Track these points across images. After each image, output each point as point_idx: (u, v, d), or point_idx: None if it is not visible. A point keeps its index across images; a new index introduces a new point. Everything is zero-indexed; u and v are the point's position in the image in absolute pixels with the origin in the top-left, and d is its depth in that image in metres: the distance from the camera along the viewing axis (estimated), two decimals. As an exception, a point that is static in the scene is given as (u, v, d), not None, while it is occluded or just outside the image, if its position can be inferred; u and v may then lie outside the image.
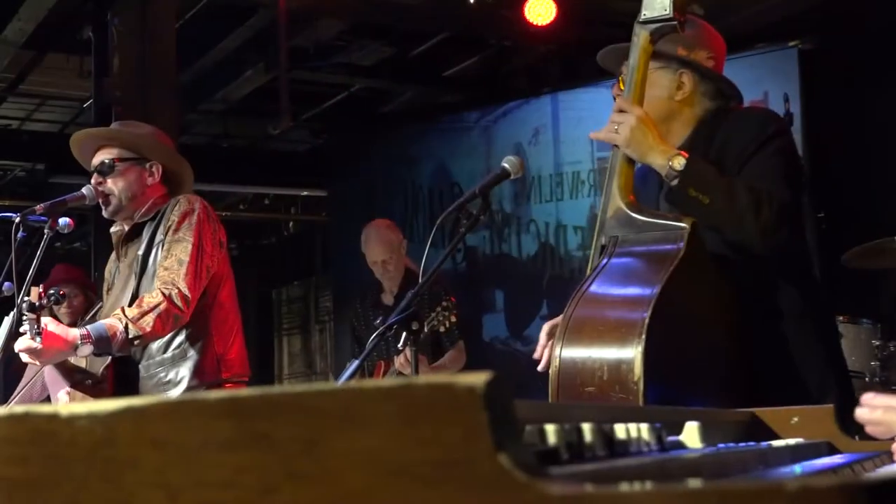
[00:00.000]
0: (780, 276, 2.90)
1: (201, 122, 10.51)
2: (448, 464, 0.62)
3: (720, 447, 1.31)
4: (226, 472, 0.68)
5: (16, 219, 3.81)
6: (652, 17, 2.75)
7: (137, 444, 0.71)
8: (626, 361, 2.37)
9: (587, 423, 1.01)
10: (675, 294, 2.49)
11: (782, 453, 1.49)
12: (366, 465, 0.64)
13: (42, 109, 10.34)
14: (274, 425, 0.67)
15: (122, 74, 6.55)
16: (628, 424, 1.14)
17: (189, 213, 3.87)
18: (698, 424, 1.29)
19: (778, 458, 1.43)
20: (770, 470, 1.28)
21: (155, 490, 0.70)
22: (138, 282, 3.88)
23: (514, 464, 0.61)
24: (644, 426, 1.17)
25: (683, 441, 1.29)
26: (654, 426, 1.19)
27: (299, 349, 13.67)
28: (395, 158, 9.19)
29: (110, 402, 0.72)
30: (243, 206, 12.83)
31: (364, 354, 3.04)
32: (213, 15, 8.17)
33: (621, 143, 2.76)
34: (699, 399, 2.58)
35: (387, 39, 9.05)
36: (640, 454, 1.12)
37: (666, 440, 1.24)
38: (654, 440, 1.18)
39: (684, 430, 1.29)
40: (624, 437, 1.12)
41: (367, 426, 0.65)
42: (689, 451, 1.22)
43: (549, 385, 2.52)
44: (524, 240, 8.40)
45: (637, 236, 2.69)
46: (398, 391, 0.64)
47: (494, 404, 0.63)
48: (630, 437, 1.13)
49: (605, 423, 1.10)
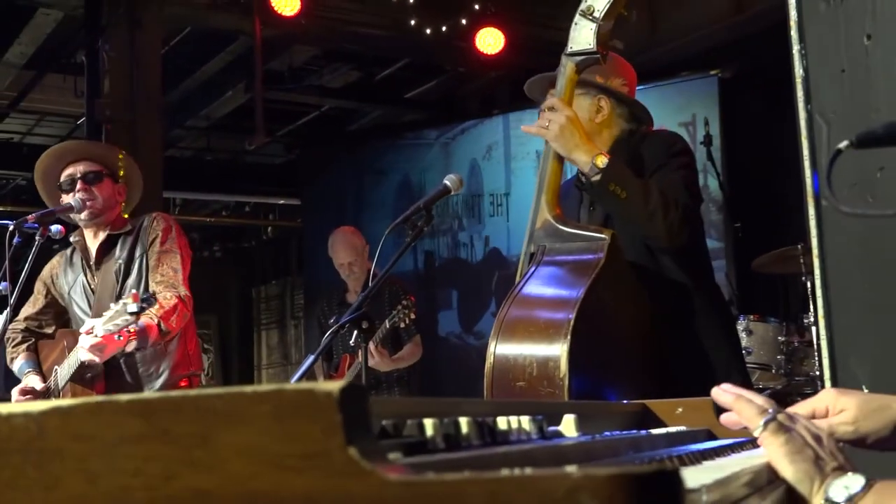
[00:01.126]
0: (686, 280, 2.92)
1: (187, 137, 10.46)
2: (310, 455, 0.66)
3: (595, 436, 1.31)
4: (135, 462, 0.70)
5: (10, 226, 3.84)
6: (578, 50, 2.78)
7: (63, 438, 0.73)
8: (553, 359, 2.40)
9: (465, 416, 1.02)
10: (596, 298, 2.51)
11: (658, 440, 1.50)
12: (247, 456, 0.67)
13: (41, 125, 10.25)
14: (174, 422, 0.70)
15: (112, 95, 6.54)
16: (510, 417, 1.15)
17: (168, 229, 3.96)
18: (574, 416, 1.30)
19: (652, 444, 1.43)
20: (636, 454, 1.28)
21: (78, 476, 0.72)
22: (122, 285, 3.91)
23: (361, 455, 0.65)
24: (525, 418, 1.18)
25: (562, 431, 1.30)
26: (535, 418, 1.20)
27: (276, 342, 13.58)
28: (363, 171, 9.16)
29: (41, 403, 0.74)
30: (225, 213, 12.77)
31: (318, 350, 3.05)
32: (197, 41, 8.16)
33: (551, 138, 2.77)
34: (618, 392, 2.58)
35: (354, 64, 9.07)
36: (520, 442, 1.12)
37: (547, 430, 1.23)
38: (535, 430, 1.18)
39: (563, 422, 1.30)
40: (505, 427, 1.12)
41: (248, 423, 0.68)
42: (564, 440, 1.23)
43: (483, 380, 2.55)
44: (476, 245, 8.46)
45: (563, 245, 2.70)
46: (271, 395, 0.67)
47: (347, 407, 0.66)
48: (511, 427, 1.13)
49: (490, 416, 1.12)
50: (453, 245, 8.56)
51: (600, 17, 2.74)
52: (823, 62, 2.41)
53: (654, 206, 2.72)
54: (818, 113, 2.42)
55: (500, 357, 2.48)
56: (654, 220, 2.73)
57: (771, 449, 1.20)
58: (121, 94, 6.53)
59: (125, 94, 6.51)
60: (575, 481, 0.60)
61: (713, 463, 1.26)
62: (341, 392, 0.67)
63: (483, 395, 2.55)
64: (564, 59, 2.82)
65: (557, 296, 2.59)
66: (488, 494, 0.62)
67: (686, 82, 7.40)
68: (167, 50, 7.65)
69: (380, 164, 9.06)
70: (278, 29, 7.13)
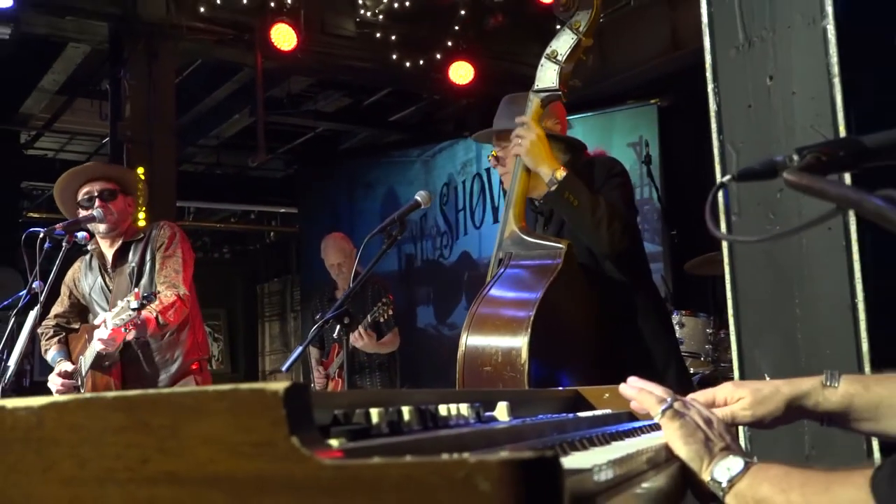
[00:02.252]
0: (628, 281, 2.93)
1: (199, 154, 10.44)
2: (260, 444, 0.68)
3: (526, 420, 1.31)
4: (118, 448, 0.72)
5: (42, 233, 3.85)
6: (543, 88, 2.82)
7: (59, 428, 0.74)
8: (516, 349, 2.44)
9: (409, 405, 1.02)
10: (553, 297, 2.55)
11: (582, 422, 1.47)
12: (209, 444, 0.69)
13: (71, 143, 10.21)
14: (150, 416, 0.71)
15: (132, 118, 6.51)
16: (450, 404, 1.15)
17: (173, 236, 3.99)
18: (507, 403, 1.29)
19: (576, 426, 1.41)
20: (560, 435, 1.26)
21: (70, 460, 0.74)
22: (135, 286, 3.93)
23: (301, 444, 0.66)
24: (464, 405, 1.17)
25: (496, 416, 1.29)
26: (473, 405, 1.19)
27: (278, 332, 13.53)
28: (353, 184, 9.15)
29: (40, 398, 0.76)
30: (233, 220, 12.74)
31: (305, 342, 3.07)
32: (206, 72, 8.15)
33: (523, 153, 2.79)
34: (570, 377, 2.60)
35: (345, 92, 9.08)
36: (458, 427, 1.11)
37: (483, 415, 1.22)
38: (472, 415, 1.17)
39: (497, 408, 1.30)
40: (446, 414, 1.12)
41: (210, 417, 0.69)
42: (497, 424, 1.22)
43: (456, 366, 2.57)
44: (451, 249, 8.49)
45: (526, 252, 2.74)
46: (229, 393, 0.69)
47: (291, 403, 0.68)
48: (451, 414, 1.13)
49: (433, 404, 1.12)
50: (431, 248, 8.60)
51: (563, 60, 2.78)
52: (733, 99, 2.46)
53: (600, 215, 2.73)
54: (729, 142, 2.47)
55: (470, 347, 2.54)
56: (600, 228, 2.74)
57: (668, 432, 1.23)
58: (139, 118, 6.51)
59: (143, 117, 6.49)
60: (472, 465, 0.62)
61: (622, 443, 1.26)
62: (286, 391, 0.68)
63: (456, 378, 2.59)
64: (532, 94, 2.85)
65: (520, 296, 2.62)
66: (403, 476, 0.64)
67: (631, 109, 7.46)
68: (181, 79, 7.64)
69: (367, 178, 9.07)
70: (277, 62, 7.12)
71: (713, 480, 1.15)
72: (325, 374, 5.65)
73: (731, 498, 1.12)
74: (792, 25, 2.30)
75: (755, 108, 2.39)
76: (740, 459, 1.15)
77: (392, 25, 7.49)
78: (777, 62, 2.32)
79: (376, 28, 7.48)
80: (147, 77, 6.53)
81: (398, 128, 9.80)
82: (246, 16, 6.98)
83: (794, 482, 1.06)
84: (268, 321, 13.81)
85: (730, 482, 1.13)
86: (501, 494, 0.62)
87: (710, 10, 2.50)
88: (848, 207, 0.82)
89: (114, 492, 0.73)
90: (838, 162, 1.10)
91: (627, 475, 1.06)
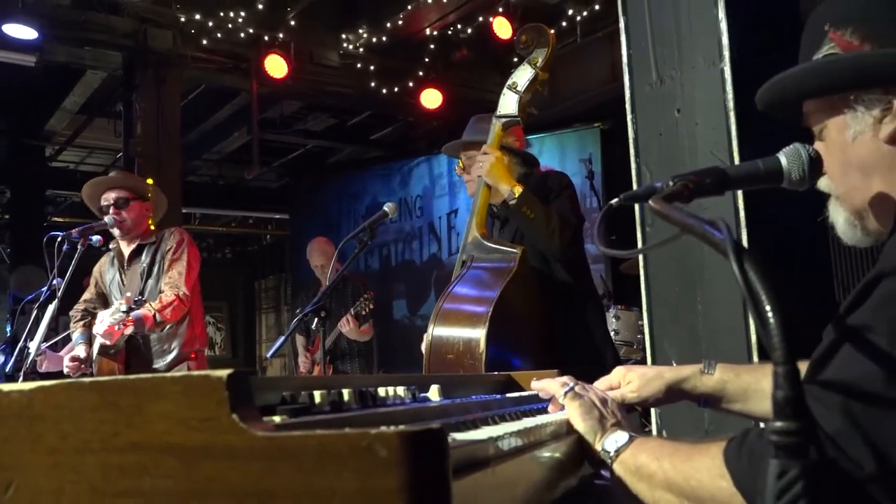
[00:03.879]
0: (572, 281, 2.95)
1: (203, 167, 10.39)
2: (207, 419, 0.71)
3: (455, 400, 1.31)
4: (93, 423, 0.76)
5: (60, 237, 3.85)
6: (504, 114, 2.84)
7: (45, 407, 0.78)
8: (475, 339, 2.46)
9: (350, 388, 1.03)
10: (509, 295, 2.56)
11: (506, 402, 1.47)
12: (166, 420, 0.73)
13: (90, 156, 10.15)
14: (119, 397, 0.75)
15: (143, 136, 6.50)
16: (389, 387, 1.17)
17: (181, 242, 3.99)
18: (438, 385, 1.30)
19: (500, 405, 1.40)
20: (484, 412, 1.24)
21: (54, 433, 0.77)
22: (144, 284, 3.95)
23: (239, 419, 0.70)
24: (401, 388, 1.18)
25: (430, 396, 1.29)
26: (409, 387, 1.20)
27: (273, 322, 13.48)
28: (339, 195, 9.11)
29: (31, 384, 0.79)
30: (234, 224, 12.66)
31: (287, 333, 3.11)
32: (209, 96, 8.13)
33: (484, 172, 2.82)
34: (524, 363, 2.60)
35: (331, 113, 9.08)
36: (394, 405, 1.13)
37: (419, 396, 1.24)
38: (409, 396, 1.18)
39: (430, 390, 1.30)
40: (384, 394, 1.14)
41: (167, 398, 0.73)
42: (428, 403, 1.23)
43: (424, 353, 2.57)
44: (421, 250, 8.52)
45: (486, 256, 2.75)
46: (182, 379, 0.73)
47: (232, 387, 0.72)
48: (388, 394, 1.15)
49: (373, 387, 1.13)
50: (405, 250, 8.63)
51: (522, 90, 2.81)
52: (647, 128, 2.52)
53: (554, 225, 2.77)
54: (644, 164, 2.53)
55: (436, 337, 2.55)
56: (554, 237, 2.78)
57: (569, 410, 1.28)
58: (149, 135, 6.50)
59: (153, 135, 6.48)
60: (373, 436, 0.66)
61: (533, 419, 1.27)
62: (228, 377, 0.72)
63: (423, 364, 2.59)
64: (494, 119, 2.88)
65: (480, 294, 2.63)
66: (318, 445, 0.68)
67: (578, 131, 7.53)
68: (186, 102, 7.62)
69: (352, 189, 9.04)
70: (271, 87, 7.13)
71: (604, 450, 1.19)
72: (311, 359, 5.67)
73: (617, 465, 1.16)
74: (696, 67, 2.36)
75: (665, 135, 2.45)
76: (626, 434, 1.19)
77: (371, 57, 7.52)
78: (683, 97, 2.39)
79: (357, 59, 7.51)
80: (156, 100, 6.53)
81: (378, 145, 9.81)
82: (243, 47, 7.01)
83: (665, 452, 1.10)
84: (264, 313, 13.77)
85: (616, 452, 1.17)
86: (395, 459, 0.66)
87: (629, 53, 2.56)
88: (687, 231, 0.88)
89: (89, 459, 0.76)
90: (705, 188, 1.17)
91: (529, 444, 1.07)
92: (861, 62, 1.08)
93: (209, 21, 6.71)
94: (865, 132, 1.09)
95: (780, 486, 0.60)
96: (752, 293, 0.64)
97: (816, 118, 1.17)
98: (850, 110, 1.10)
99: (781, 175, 1.17)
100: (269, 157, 9.71)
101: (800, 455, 0.62)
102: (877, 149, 1.09)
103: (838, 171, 1.16)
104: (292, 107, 8.68)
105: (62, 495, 0.77)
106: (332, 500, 0.67)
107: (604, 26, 6.99)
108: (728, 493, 0.96)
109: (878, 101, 1.08)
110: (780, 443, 0.62)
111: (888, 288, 0.89)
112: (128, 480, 0.74)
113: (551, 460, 1.17)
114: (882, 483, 0.82)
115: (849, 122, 1.11)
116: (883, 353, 0.85)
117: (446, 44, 7.62)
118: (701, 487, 1.00)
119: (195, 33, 6.78)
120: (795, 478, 0.61)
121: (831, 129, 1.14)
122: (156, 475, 0.73)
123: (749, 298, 0.64)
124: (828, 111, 1.14)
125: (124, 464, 0.75)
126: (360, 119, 9.16)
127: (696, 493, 1.01)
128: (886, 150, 1.08)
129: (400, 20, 6.97)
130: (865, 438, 0.83)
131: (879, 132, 1.08)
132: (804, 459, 0.62)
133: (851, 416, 0.84)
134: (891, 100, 1.07)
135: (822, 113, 1.15)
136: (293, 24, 6.96)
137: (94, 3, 6.44)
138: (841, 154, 1.14)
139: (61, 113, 8.36)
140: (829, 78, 1.11)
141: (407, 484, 0.65)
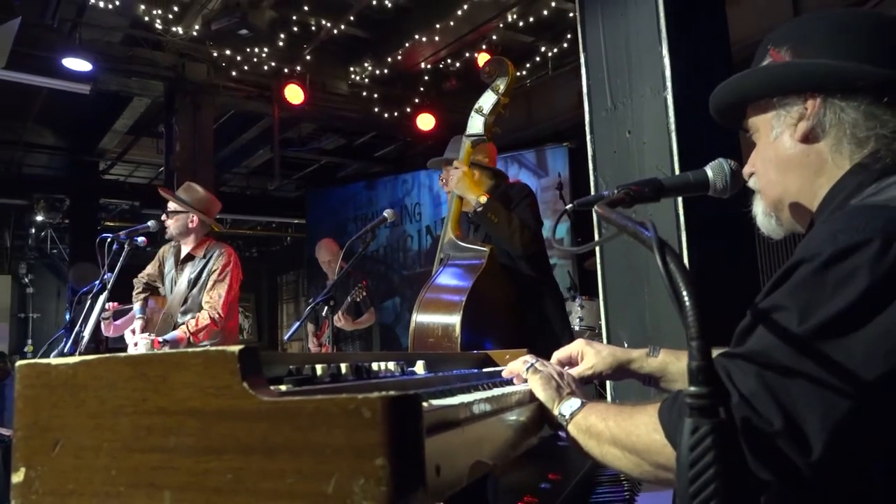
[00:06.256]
0: (535, 276, 2.93)
1: (233, 180, 10.37)
2: (222, 387, 0.71)
3: (438, 373, 1.30)
4: (126, 391, 0.75)
5: (109, 238, 3.83)
6: (472, 133, 2.84)
7: (87, 377, 0.78)
8: (451, 325, 2.45)
9: (347, 362, 1.04)
10: (480, 287, 2.56)
11: (482, 376, 1.46)
12: (187, 388, 0.73)
13: (137, 170, 10.11)
14: (148, 368, 0.75)
15: (181, 153, 6.48)
16: (380, 363, 1.16)
17: (227, 263, 3.86)
18: (423, 361, 1.29)
19: (477, 378, 1.39)
20: (461, 383, 1.23)
21: (94, 399, 0.77)
22: (189, 292, 3.89)
23: (249, 386, 0.70)
24: (392, 363, 1.18)
25: (416, 371, 1.28)
26: (398, 362, 1.20)
27: (292, 311, 13.40)
28: (347, 203, 9.09)
29: (75, 357, 0.79)
30: (259, 228, 12.63)
31: (301, 319, 3.09)
32: (238, 119, 8.10)
33: (452, 185, 2.81)
34: (493, 344, 2.56)
35: (340, 134, 9.05)
36: (385, 377, 1.12)
37: (406, 370, 1.23)
38: (398, 370, 1.18)
39: (416, 364, 1.29)
40: (377, 368, 1.14)
41: (189, 369, 0.73)
42: (414, 376, 1.22)
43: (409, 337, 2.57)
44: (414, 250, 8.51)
45: (460, 254, 2.74)
46: (201, 353, 0.73)
47: (243, 360, 0.72)
48: (381, 368, 1.15)
49: (367, 362, 1.12)
50: (400, 249, 8.61)
51: (487, 113, 2.81)
52: (603, 146, 2.53)
53: (514, 228, 2.76)
54: (601, 176, 2.54)
55: (419, 323, 2.54)
56: (515, 238, 2.77)
57: (531, 382, 1.27)
58: (187, 153, 6.49)
59: (189, 152, 6.47)
60: (359, 400, 0.66)
61: (502, 389, 1.25)
62: (240, 352, 0.72)
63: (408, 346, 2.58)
64: (464, 138, 2.88)
65: (455, 286, 2.63)
66: (314, 408, 0.68)
67: (550, 149, 7.53)
68: (219, 125, 7.59)
69: (358, 198, 9.00)
70: (290, 112, 7.11)
71: (560, 414, 1.19)
72: (318, 343, 5.65)
73: (571, 426, 1.16)
74: (644, 95, 2.37)
75: (618, 153, 2.45)
76: (579, 400, 1.19)
77: (375, 86, 7.52)
78: (633, 121, 2.40)
79: (363, 88, 7.51)
80: (192, 123, 6.52)
81: (381, 161, 9.79)
82: (267, 78, 7.00)
83: (611, 413, 1.10)
84: (285, 303, 13.73)
85: (571, 415, 1.17)
86: (377, 419, 0.66)
87: (588, 83, 2.57)
88: (622, 231, 0.89)
89: (123, 421, 0.76)
90: (643, 196, 1.18)
91: (496, 410, 1.05)
92: (784, 71, 1.08)
93: (238, 56, 6.70)
94: (785, 132, 1.08)
95: (693, 440, 0.61)
96: (671, 280, 0.65)
97: (751, 120, 1.15)
98: (774, 112, 1.09)
99: (708, 185, 1.18)
100: (289, 171, 9.70)
101: (710, 415, 0.63)
102: (792, 146, 1.08)
103: (761, 167, 1.14)
104: (308, 128, 8.67)
105: (100, 451, 0.77)
106: (325, 452, 0.67)
107: (572, 61, 7.00)
108: (661, 445, 0.96)
109: (796, 104, 1.07)
110: (693, 404, 0.63)
111: (802, 274, 0.89)
112: (155, 439, 0.75)
113: (516, 423, 1.16)
114: (787, 438, 0.83)
115: (773, 122, 1.10)
116: (792, 330, 0.86)
117: (438, 75, 7.62)
118: (639, 440, 1.00)
119: (226, 66, 6.77)
120: (706, 433, 0.62)
121: (760, 129, 1.13)
122: (179, 434, 0.74)
123: (668, 284, 0.65)
124: (759, 113, 1.13)
125: (152, 424, 0.75)
126: (366, 139, 9.14)
127: (636, 445, 1.00)
128: (800, 149, 1.07)
129: (399, 55, 6.97)
130: (776, 399, 0.84)
131: (795, 133, 1.07)
132: (714, 418, 0.63)
133: (764, 381, 0.85)
134: (806, 104, 1.06)
135: (754, 115, 1.14)
136: (309, 59, 6.95)
137: (140, 41, 6.44)
138: (764, 151, 1.13)
139: (112, 133, 8.33)
140: (757, 82, 1.10)
141: (386, 440, 0.66)
